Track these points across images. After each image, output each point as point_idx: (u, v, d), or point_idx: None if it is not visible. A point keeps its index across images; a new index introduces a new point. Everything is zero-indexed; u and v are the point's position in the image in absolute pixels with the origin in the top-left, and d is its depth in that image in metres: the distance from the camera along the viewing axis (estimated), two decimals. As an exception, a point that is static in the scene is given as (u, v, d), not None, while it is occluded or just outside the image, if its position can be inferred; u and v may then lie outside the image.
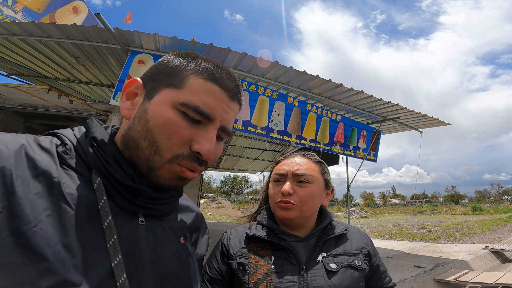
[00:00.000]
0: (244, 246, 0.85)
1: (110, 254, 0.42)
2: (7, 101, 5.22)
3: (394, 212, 31.12)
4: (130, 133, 0.49)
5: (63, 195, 0.41)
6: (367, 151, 5.47)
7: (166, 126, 0.46)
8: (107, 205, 0.44)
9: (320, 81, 4.09)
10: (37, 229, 0.37)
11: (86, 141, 0.48)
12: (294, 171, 0.87)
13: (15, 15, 5.31)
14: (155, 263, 0.48)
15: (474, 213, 22.64)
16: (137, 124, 0.48)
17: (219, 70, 0.51)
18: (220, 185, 61.33)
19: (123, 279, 0.42)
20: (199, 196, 10.78)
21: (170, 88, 0.48)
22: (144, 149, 0.47)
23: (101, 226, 0.43)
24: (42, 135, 0.48)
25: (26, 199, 0.37)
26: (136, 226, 0.48)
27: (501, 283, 3.62)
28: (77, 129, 0.52)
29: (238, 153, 8.72)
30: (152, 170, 0.47)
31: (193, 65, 0.50)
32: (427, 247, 7.07)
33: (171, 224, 0.57)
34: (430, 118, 5.08)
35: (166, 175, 0.48)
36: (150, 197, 0.50)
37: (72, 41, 3.32)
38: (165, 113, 0.46)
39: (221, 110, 0.49)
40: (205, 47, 3.42)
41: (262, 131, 4.15)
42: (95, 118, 0.53)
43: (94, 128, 0.50)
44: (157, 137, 0.46)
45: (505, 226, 11.75)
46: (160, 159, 0.46)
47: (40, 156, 0.42)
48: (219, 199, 35.25)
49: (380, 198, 64.65)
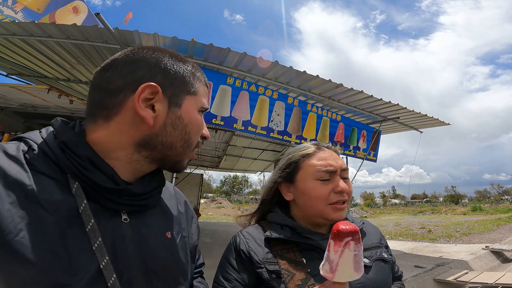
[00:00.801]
0: (267, 250, 0.74)
1: (97, 256, 0.43)
2: (7, 101, 5.21)
3: (394, 212, 31.13)
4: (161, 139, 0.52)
5: (39, 202, 0.41)
6: (367, 151, 5.48)
7: (199, 126, 0.58)
8: (88, 208, 0.44)
9: (320, 81, 4.09)
10: (19, 238, 0.37)
11: (55, 144, 0.46)
12: (341, 166, 0.78)
13: (15, 15, 5.31)
14: (143, 259, 0.49)
15: (474, 213, 22.64)
16: (171, 129, 0.53)
17: (200, 70, 0.62)
18: (220, 185, 61.35)
19: (113, 279, 0.43)
20: (199, 196, 10.78)
21: (191, 95, 0.56)
22: (179, 147, 0.55)
23: (84, 229, 0.43)
24: (8, 141, 0.47)
25: (3, 209, 0.38)
26: (120, 224, 0.49)
27: (501, 283, 3.62)
28: (45, 130, 0.50)
29: (238, 153, 8.72)
30: (179, 162, 0.57)
31: (191, 68, 0.59)
32: (427, 247, 7.07)
33: (156, 219, 0.57)
34: (430, 118, 5.09)
35: (185, 162, 0.58)
36: (134, 194, 0.51)
37: (72, 41, 3.32)
38: (197, 117, 0.57)
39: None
40: (205, 47, 3.42)
41: (262, 131, 4.14)
42: (59, 118, 0.52)
43: (61, 130, 0.48)
44: (192, 136, 0.56)
45: (505, 226, 11.75)
46: (189, 150, 0.57)
47: (8, 165, 0.42)
48: (219, 199, 35.25)
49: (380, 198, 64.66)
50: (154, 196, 0.57)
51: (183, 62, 0.58)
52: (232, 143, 7.45)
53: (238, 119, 3.94)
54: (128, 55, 0.53)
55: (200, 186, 10.93)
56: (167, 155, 0.54)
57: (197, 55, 3.66)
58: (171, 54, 0.57)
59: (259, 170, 11.71)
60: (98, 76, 0.52)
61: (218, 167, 10.61)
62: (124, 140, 0.51)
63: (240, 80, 4.00)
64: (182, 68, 0.56)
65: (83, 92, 4.98)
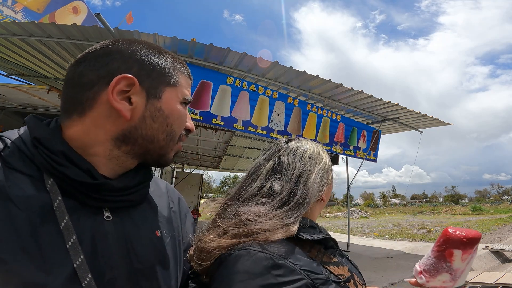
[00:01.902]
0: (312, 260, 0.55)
1: (70, 255, 0.41)
2: (7, 101, 5.22)
3: (394, 212, 31.13)
4: (140, 132, 0.51)
5: (9, 198, 0.40)
6: (367, 151, 5.48)
7: (181, 118, 0.56)
8: (62, 205, 0.43)
9: (320, 81, 4.09)
10: None
11: (30, 141, 0.46)
12: None
13: (15, 15, 5.31)
14: (127, 258, 0.47)
15: (474, 213, 22.64)
16: (151, 122, 0.51)
17: (184, 64, 0.61)
18: (220, 185, 61.38)
19: (89, 279, 0.41)
20: (199, 196, 10.78)
21: (171, 86, 0.55)
22: (161, 140, 0.53)
23: (58, 227, 0.42)
24: None
25: None
26: (101, 222, 0.47)
27: (501, 283, 3.62)
28: (23, 129, 0.49)
29: (238, 153, 8.73)
30: (164, 155, 0.55)
31: (171, 59, 0.57)
32: (427, 247, 7.05)
33: (144, 216, 0.55)
34: (430, 118, 5.09)
35: (171, 155, 0.57)
36: (116, 188, 0.49)
37: (72, 41, 3.32)
38: (179, 108, 0.55)
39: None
40: (205, 47, 3.42)
41: (262, 131, 4.15)
42: (33, 115, 0.51)
43: (34, 126, 0.48)
44: (175, 128, 0.55)
45: (505, 226, 11.76)
46: (173, 143, 0.56)
47: None
48: (219, 199, 35.08)
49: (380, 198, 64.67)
50: (139, 191, 0.54)
51: (162, 53, 0.55)
52: (232, 143, 7.46)
53: (238, 119, 3.94)
54: (103, 47, 0.51)
55: (200, 186, 10.93)
56: (149, 148, 0.53)
57: (197, 55, 3.66)
58: (149, 46, 0.54)
59: (259, 170, 11.70)
60: (71, 70, 0.50)
61: (218, 167, 10.62)
62: (101, 135, 0.49)
63: (240, 80, 3.99)
64: (161, 60, 0.54)
65: (83, 92, 4.99)
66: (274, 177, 0.64)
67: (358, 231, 12.13)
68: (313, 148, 0.72)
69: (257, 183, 0.65)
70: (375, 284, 3.70)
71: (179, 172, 10.49)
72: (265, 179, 0.65)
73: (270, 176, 0.65)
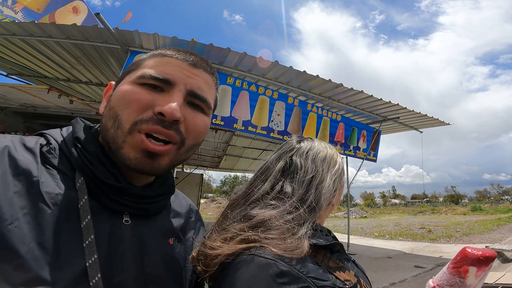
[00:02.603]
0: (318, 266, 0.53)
1: (85, 254, 0.42)
2: (7, 101, 5.21)
3: (394, 212, 31.13)
4: (102, 123, 0.50)
5: (40, 194, 0.41)
6: (367, 151, 5.48)
7: (123, 96, 0.47)
8: (87, 204, 0.44)
9: (320, 81, 4.09)
10: (12, 226, 0.37)
11: (71, 141, 0.48)
12: None
13: (15, 15, 5.30)
14: (139, 263, 0.48)
15: (474, 213, 22.64)
16: (105, 110, 0.50)
17: (176, 49, 0.53)
18: (220, 185, 61.34)
19: (97, 279, 0.42)
20: (199, 196, 10.77)
21: (130, 73, 0.51)
22: (110, 128, 0.47)
23: (79, 225, 0.43)
24: (30, 135, 0.49)
25: (4, 197, 0.38)
26: (120, 225, 0.48)
27: (501, 283, 3.62)
28: (66, 129, 0.52)
29: (238, 153, 8.73)
30: (118, 150, 0.46)
31: (150, 52, 0.54)
32: (427, 247, 7.07)
33: (161, 224, 0.55)
34: (430, 118, 5.09)
35: (130, 153, 0.45)
36: (136, 195, 0.50)
37: (72, 41, 3.32)
38: (124, 87, 0.48)
39: (182, 75, 0.49)
40: (205, 47, 3.42)
41: (263, 131, 4.14)
42: (80, 118, 0.54)
43: (78, 128, 0.51)
44: (118, 110, 0.46)
45: (505, 226, 11.76)
46: (121, 132, 0.45)
47: (22, 156, 0.43)
48: (219, 199, 35.22)
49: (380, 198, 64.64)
50: (158, 203, 0.54)
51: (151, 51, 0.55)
52: (232, 143, 7.46)
53: (238, 119, 3.94)
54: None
55: (200, 186, 10.93)
56: (107, 141, 0.48)
57: (197, 55, 3.66)
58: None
59: (259, 170, 11.70)
60: None
61: (218, 167, 10.62)
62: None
63: (240, 80, 3.99)
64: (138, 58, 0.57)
65: (83, 92, 4.98)
66: (285, 178, 0.62)
67: (358, 231, 12.13)
68: (326, 150, 0.69)
69: (267, 184, 0.62)
70: (375, 284, 3.70)
71: (179, 172, 10.49)
72: (276, 180, 0.62)
73: (281, 177, 0.62)
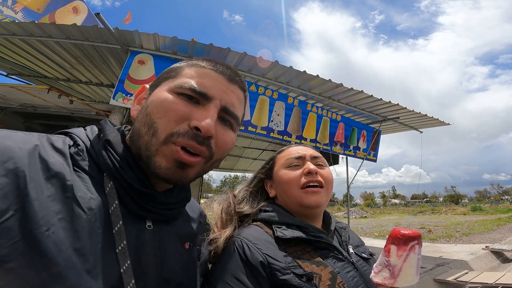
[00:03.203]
0: (284, 253, 0.66)
1: (119, 260, 0.42)
2: (7, 101, 5.21)
3: (394, 212, 31.12)
4: (134, 127, 0.50)
5: (75, 198, 0.40)
6: (367, 151, 5.47)
7: (162, 104, 0.47)
8: (118, 209, 0.44)
9: (320, 81, 4.09)
10: (49, 233, 0.36)
11: (100, 143, 0.48)
12: (312, 154, 0.81)
13: (15, 15, 5.30)
14: (159, 268, 0.48)
15: (474, 213, 22.64)
16: (140, 115, 0.49)
17: (213, 61, 0.53)
18: (220, 185, 61.36)
19: (131, 284, 0.42)
20: (199, 196, 10.77)
21: (168, 79, 0.51)
22: (144, 135, 0.46)
23: (111, 230, 0.42)
24: (54, 134, 0.47)
25: (39, 201, 0.36)
26: (143, 230, 0.48)
27: (501, 283, 3.62)
28: (90, 129, 0.51)
29: (238, 153, 8.72)
30: (150, 157, 0.46)
31: (188, 61, 0.54)
32: (427, 247, 7.07)
33: (178, 229, 0.56)
34: (430, 118, 5.08)
35: (162, 162, 0.45)
36: (159, 202, 0.50)
37: (72, 41, 3.31)
38: (162, 95, 0.48)
39: (219, 89, 0.50)
40: (205, 47, 3.42)
41: (262, 131, 4.14)
42: (108, 119, 0.53)
43: (108, 130, 0.50)
44: (154, 117, 0.46)
45: (505, 226, 11.76)
46: (156, 141, 0.45)
47: (53, 158, 0.41)
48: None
49: (380, 198, 64.62)
50: (178, 209, 0.56)
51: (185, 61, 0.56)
52: (232, 143, 7.44)
53: (238, 119, 3.94)
54: None
55: (200, 186, 10.92)
56: (139, 146, 0.47)
57: (197, 55, 3.66)
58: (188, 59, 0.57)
59: (259, 170, 11.70)
60: None
61: (218, 167, 10.59)
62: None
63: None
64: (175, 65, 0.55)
65: (83, 92, 4.97)
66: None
67: (358, 231, 12.13)
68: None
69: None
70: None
71: (179, 172, 10.47)
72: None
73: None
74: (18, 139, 0.40)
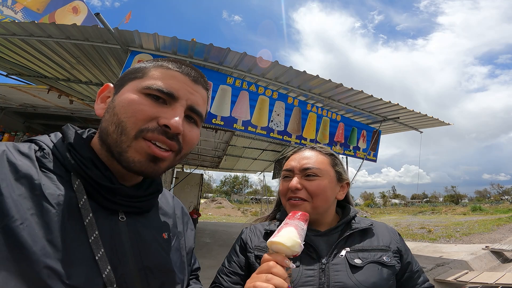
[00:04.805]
0: (262, 240, 0.85)
1: (92, 248, 0.45)
2: (7, 101, 5.21)
3: (394, 212, 31.14)
4: (102, 126, 0.52)
5: (44, 195, 0.44)
6: (367, 151, 5.47)
7: (129, 105, 0.49)
8: (87, 203, 0.47)
9: (320, 81, 4.09)
10: (23, 226, 0.39)
11: (63, 146, 0.51)
12: (301, 166, 0.85)
13: (15, 15, 5.30)
14: (138, 256, 0.51)
15: (474, 213, 22.65)
16: (107, 115, 0.52)
17: (178, 62, 0.56)
18: (220, 185, 61.30)
19: (108, 270, 0.45)
20: (199, 196, 10.78)
21: (134, 80, 0.53)
22: (112, 133, 0.49)
23: (82, 223, 0.46)
24: (21, 142, 0.52)
25: (11, 199, 0.40)
26: (116, 222, 0.51)
27: (501, 283, 3.62)
28: (54, 135, 0.55)
29: (238, 153, 8.72)
30: (121, 154, 0.49)
31: (154, 62, 0.56)
32: (427, 247, 7.07)
33: (153, 220, 0.59)
34: (430, 118, 5.08)
35: (135, 157, 0.49)
36: (129, 195, 0.53)
37: (72, 41, 3.31)
38: (129, 96, 0.50)
39: (185, 90, 0.53)
40: (205, 47, 3.42)
41: (262, 131, 4.14)
42: (70, 124, 0.56)
43: (70, 134, 0.53)
44: (122, 117, 0.49)
45: (505, 226, 11.76)
46: (126, 138, 0.48)
47: (20, 161, 0.45)
48: (219, 199, 35.21)
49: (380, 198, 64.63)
50: (150, 201, 0.59)
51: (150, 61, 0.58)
52: (232, 143, 7.45)
53: (238, 119, 3.94)
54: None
55: (200, 186, 10.92)
56: (108, 144, 0.50)
57: (197, 55, 3.66)
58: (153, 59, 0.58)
59: (259, 170, 11.70)
60: None
61: (218, 167, 10.60)
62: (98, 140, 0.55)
63: (240, 80, 4.00)
64: (140, 64, 0.57)
65: (83, 92, 4.98)
66: None
67: (358, 231, 12.11)
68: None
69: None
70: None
71: (179, 172, 10.48)
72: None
73: None
74: None
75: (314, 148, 0.92)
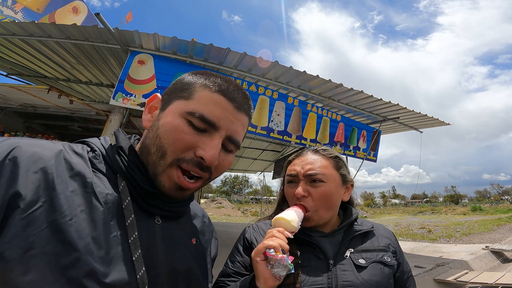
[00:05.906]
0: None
1: (131, 249, 0.47)
2: (7, 101, 5.22)
3: (394, 212, 31.14)
4: (145, 141, 0.55)
5: (95, 193, 0.47)
6: (367, 151, 5.47)
7: (171, 132, 0.51)
8: (130, 205, 0.50)
9: (320, 81, 4.09)
10: (72, 222, 0.41)
11: (113, 149, 0.55)
12: (306, 172, 0.84)
13: (15, 15, 5.30)
14: (169, 259, 0.53)
15: (474, 213, 22.66)
16: (151, 132, 0.55)
17: (226, 83, 0.57)
18: (220, 185, 61.32)
19: (142, 272, 0.46)
20: (199, 196, 10.79)
21: (181, 99, 0.54)
22: (153, 154, 0.53)
23: (124, 223, 0.48)
24: (74, 143, 0.55)
25: (64, 195, 0.43)
26: (153, 224, 0.54)
27: (501, 283, 3.62)
28: (103, 139, 0.58)
29: (238, 153, 8.70)
30: (156, 175, 0.53)
31: (203, 79, 0.56)
32: (427, 247, 7.07)
33: (184, 226, 0.63)
34: (430, 118, 5.08)
35: (166, 182, 0.52)
36: (165, 200, 0.55)
37: (72, 41, 3.31)
38: (173, 120, 0.52)
39: (227, 120, 0.54)
40: (205, 47, 3.41)
41: (262, 131, 4.14)
42: (121, 129, 0.61)
43: (121, 138, 0.57)
44: (163, 142, 0.51)
45: (505, 226, 11.77)
46: (164, 163, 0.52)
47: (75, 160, 0.48)
48: (219, 199, 35.23)
49: (380, 198, 64.63)
50: (184, 207, 0.62)
51: (200, 74, 0.58)
52: (232, 143, 7.43)
53: (238, 119, 3.93)
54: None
55: (200, 186, 10.90)
56: (148, 162, 0.53)
57: (197, 55, 3.66)
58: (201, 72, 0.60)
59: (259, 170, 11.70)
60: None
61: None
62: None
63: (240, 80, 4.00)
64: (189, 78, 0.58)
65: (83, 92, 4.97)
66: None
67: (358, 231, 12.12)
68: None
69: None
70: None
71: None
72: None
73: None
74: (45, 145, 0.47)
75: (317, 151, 0.91)
